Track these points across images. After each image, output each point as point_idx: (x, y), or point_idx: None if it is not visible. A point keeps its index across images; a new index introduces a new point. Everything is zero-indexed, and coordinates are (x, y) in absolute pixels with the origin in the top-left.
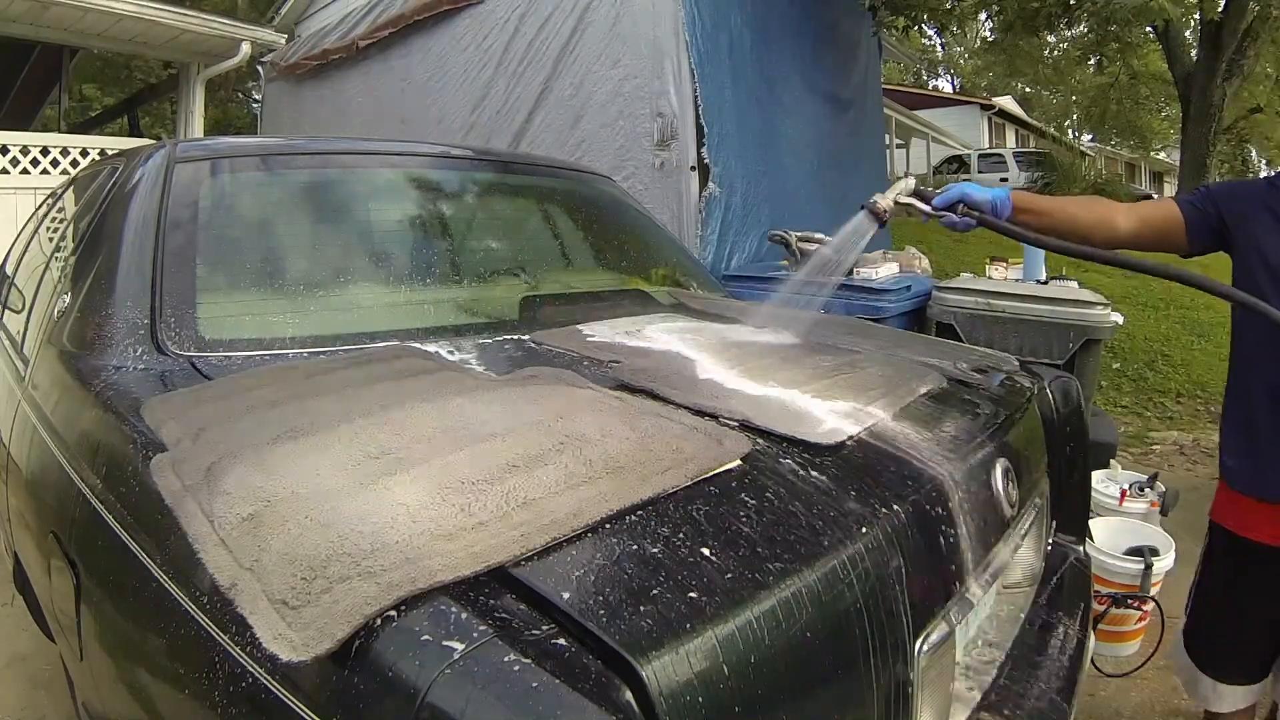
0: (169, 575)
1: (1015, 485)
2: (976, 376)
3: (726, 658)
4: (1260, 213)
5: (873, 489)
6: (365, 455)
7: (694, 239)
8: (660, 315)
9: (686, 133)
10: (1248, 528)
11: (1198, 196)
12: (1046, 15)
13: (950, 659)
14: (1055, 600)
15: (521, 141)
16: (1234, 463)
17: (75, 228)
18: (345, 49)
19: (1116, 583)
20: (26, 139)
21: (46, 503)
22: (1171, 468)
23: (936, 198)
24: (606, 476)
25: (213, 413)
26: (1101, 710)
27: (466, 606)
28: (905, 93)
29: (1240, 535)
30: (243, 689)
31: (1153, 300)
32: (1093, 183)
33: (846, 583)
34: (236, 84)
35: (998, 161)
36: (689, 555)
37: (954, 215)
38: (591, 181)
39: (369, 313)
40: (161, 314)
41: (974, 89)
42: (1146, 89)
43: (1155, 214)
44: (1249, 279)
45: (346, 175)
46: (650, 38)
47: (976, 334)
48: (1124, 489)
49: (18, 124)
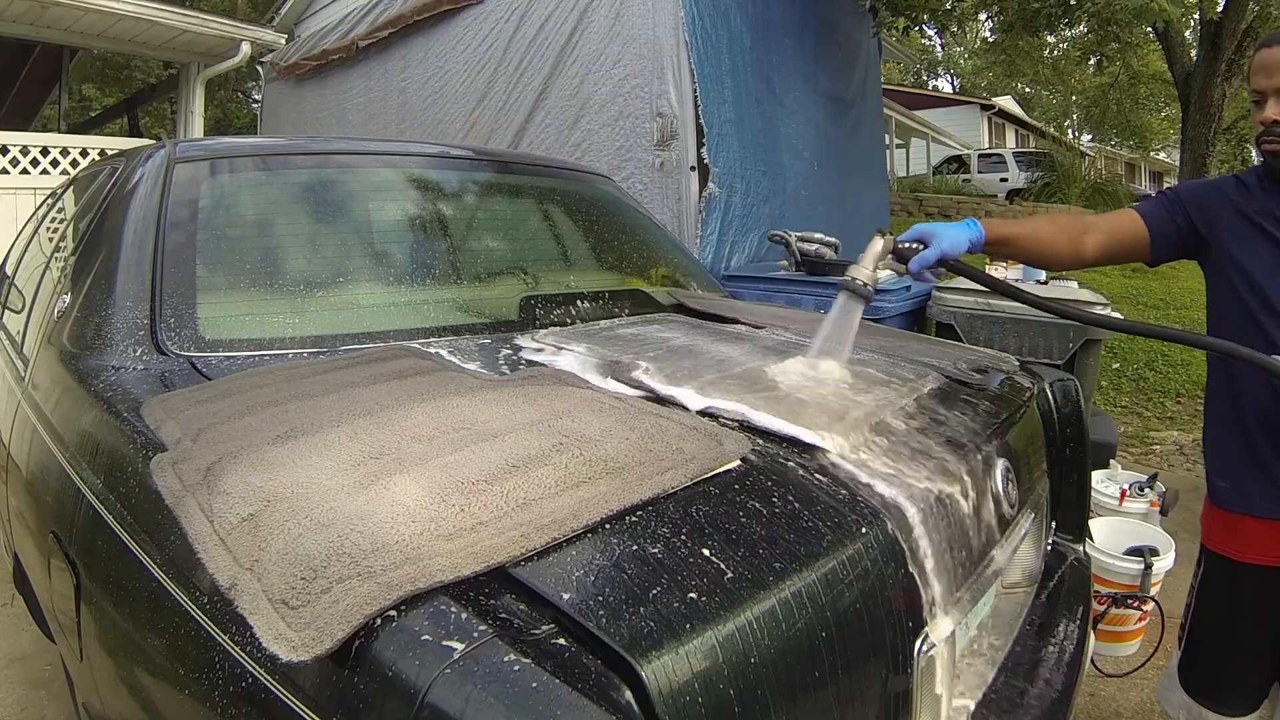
0: (169, 575)
1: (1015, 485)
2: (976, 376)
3: (726, 658)
4: (1230, 217)
5: (873, 489)
6: (365, 455)
7: (694, 239)
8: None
9: (686, 133)
10: (1243, 550)
11: (1165, 204)
12: (1046, 15)
13: (950, 659)
14: (1055, 600)
15: (521, 141)
16: (1228, 483)
17: (75, 228)
18: (345, 49)
19: (1116, 583)
20: (26, 139)
21: (46, 503)
22: (1171, 468)
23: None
24: (606, 476)
25: (213, 413)
26: (1101, 710)
27: (466, 606)
28: (905, 93)
29: (1236, 559)
30: (243, 689)
31: (1152, 300)
32: (1092, 183)
33: (847, 583)
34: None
35: (997, 161)
36: (689, 555)
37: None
38: (591, 181)
39: (369, 313)
40: (161, 314)
41: (974, 89)
42: (1146, 89)
43: (1119, 230)
44: (1226, 287)
45: (346, 175)
46: (650, 38)
47: (976, 334)
48: (1124, 489)
49: (18, 124)
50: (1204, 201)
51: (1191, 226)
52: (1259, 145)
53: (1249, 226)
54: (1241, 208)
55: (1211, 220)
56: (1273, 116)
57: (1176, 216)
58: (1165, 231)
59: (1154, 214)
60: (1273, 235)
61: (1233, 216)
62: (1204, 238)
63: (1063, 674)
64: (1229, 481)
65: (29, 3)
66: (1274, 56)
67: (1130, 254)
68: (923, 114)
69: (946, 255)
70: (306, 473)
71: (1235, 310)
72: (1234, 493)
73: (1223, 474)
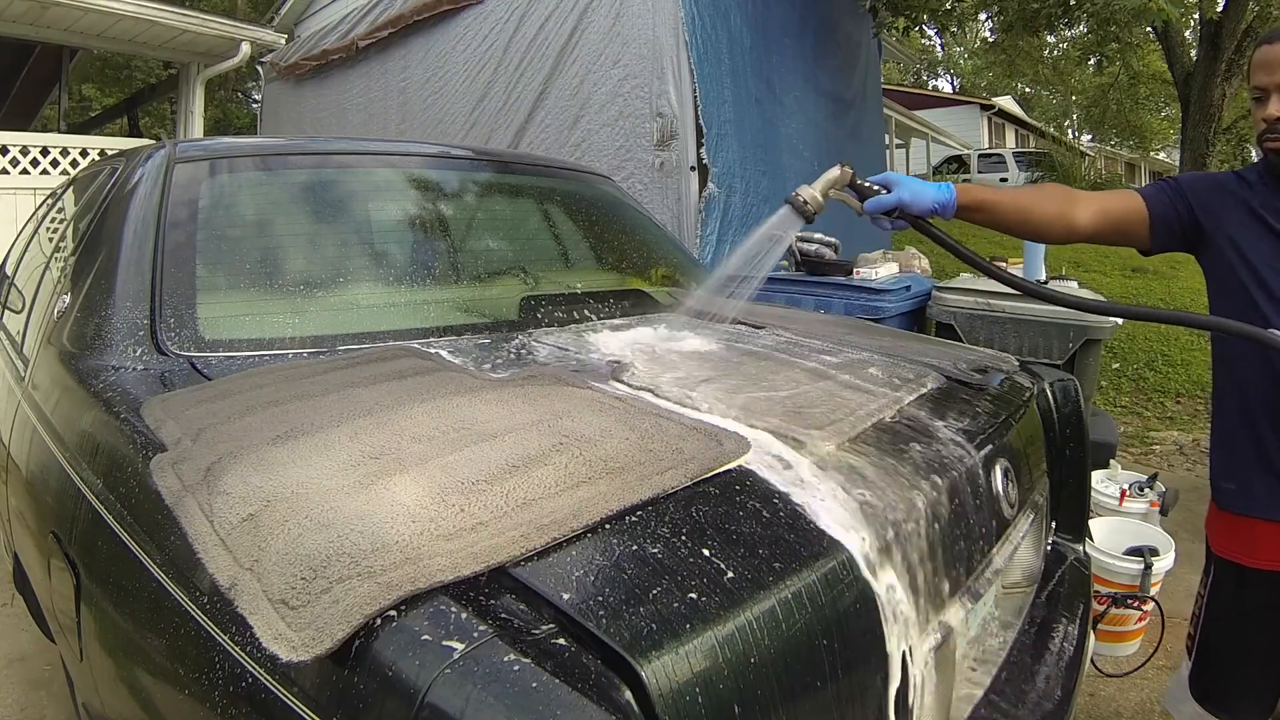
0: (169, 575)
1: (1015, 485)
2: (976, 376)
3: (726, 658)
4: (1233, 209)
5: (871, 489)
6: (365, 455)
7: (693, 239)
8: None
9: (686, 133)
10: (1252, 555)
11: (1166, 191)
12: (1046, 15)
13: (950, 659)
14: (1055, 600)
15: (521, 141)
16: (1234, 485)
17: (75, 228)
18: (345, 49)
19: (1116, 583)
20: (26, 139)
21: (46, 503)
22: (1171, 468)
23: (869, 201)
24: (606, 476)
25: (213, 413)
26: (1101, 710)
27: (466, 606)
28: (905, 93)
29: (1244, 565)
30: (243, 689)
31: (1152, 300)
32: (1092, 183)
33: (847, 583)
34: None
35: (997, 161)
36: (689, 555)
37: (886, 221)
38: (591, 181)
39: (368, 313)
40: (161, 314)
41: (974, 89)
42: (1146, 89)
43: (1117, 207)
44: (1229, 280)
45: (346, 175)
46: (650, 38)
47: (976, 334)
48: (1124, 489)
49: (18, 124)
50: (1205, 192)
51: (1192, 215)
52: (1260, 143)
53: (1252, 219)
54: (1245, 199)
55: (1213, 211)
56: (1274, 113)
57: (1177, 203)
58: (1166, 215)
59: (1155, 196)
60: (1274, 228)
61: (1235, 208)
62: (1203, 228)
63: (1063, 674)
64: (1235, 483)
65: (29, 3)
66: (1275, 53)
67: (1128, 233)
68: (923, 114)
69: (905, 205)
70: (306, 473)
71: (1238, 301)
72: (1240, 495)
73: (1229, 475)
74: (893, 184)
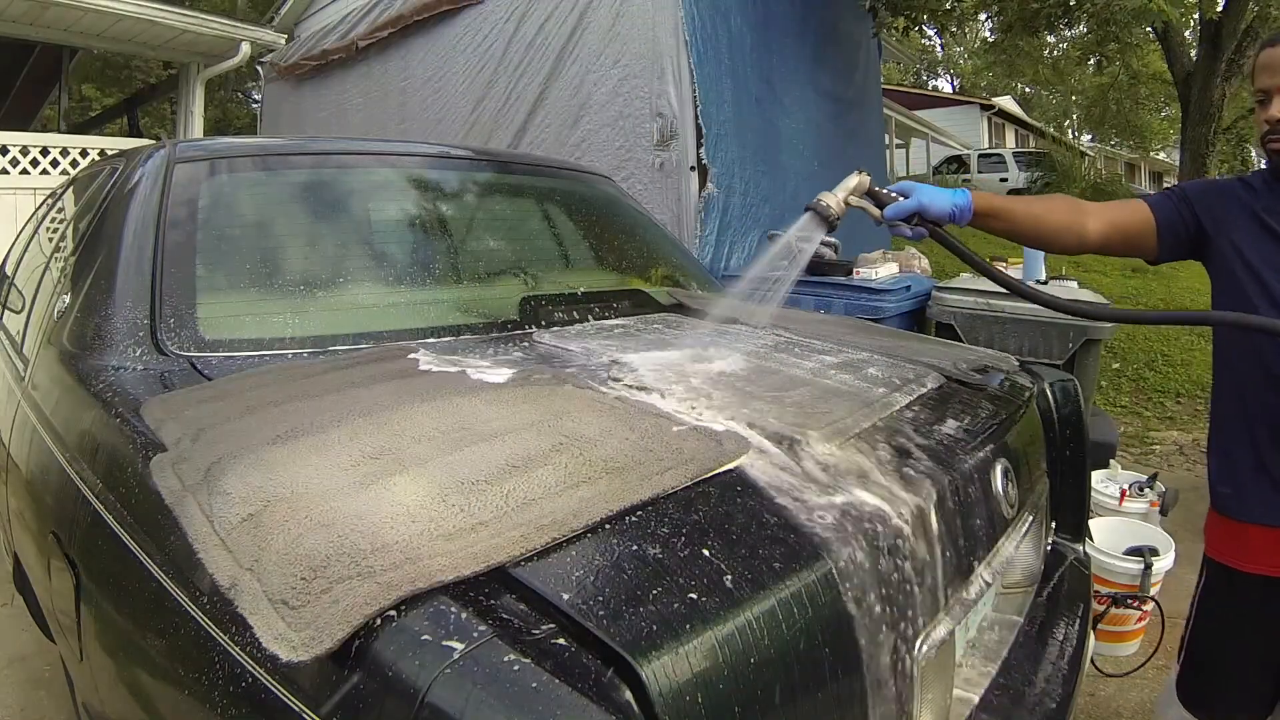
0: (169, 575)
1: (1015, 485)
2: (976, 376)
3: (726, 658)
4: (1238, 215)
5: (871, 489)
6: (365, 455)
7: (693, 239)
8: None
9: (686, 133)
10: (1245, 560)
11: (1172, 199)
12: (1046, 15)
13: (950, 659)
14: (1055, 600)
15: (521, 141)
16: (1230, 489)
17: (75, 228)
18: (345, 49)
19: (1116, 583)
20: (26, 139)
21: (46, 503)
22: (1171, 468)
23: (889, 207)
24: (606, 476)
25: (213, 413)
26: (1101, 710)
27: (466, 606)
28: (905, 93)
29: (1236, 569)
30: (243, 689)
31: (1152, 300)
32: (1092, 183)
33: (846, 583)
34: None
35: (997, 161)
36: (689, 556)
37: (906, 229)
38: (591, 181)
39: (368, 313)
40: (161, 314)
41: (974, 89)
42: (1146, 89)
43: (1125, 218)
44: (1233, 288)
45: (346, 175)
46: (650, 38)
47: (976, 334)
48: (1124, 489)
49: (18, 124)
50: (1210, 199)
51: (1197, 222)
52: (1264, 144)
53: (1257, 224)
54: (1250, 205)
55: (1218, 217)
56: (1277, 115)
57: (1183, 210)
58: (1173, 223)
59: (1161, 205)
60: (1276, 232)
61: (1240, 213)
62: (1209, 234)
63: (1063, 674)
64: (1231, 487)
65: (29, 3)
66: (1278, 55)
67: (1136, 243)
68: (923, 114)
69: (924, 209)
70: (307, 473)
71: (1238, 305)
72: (1236, 499)
73: (1226, 479)
74: (910, 191)
